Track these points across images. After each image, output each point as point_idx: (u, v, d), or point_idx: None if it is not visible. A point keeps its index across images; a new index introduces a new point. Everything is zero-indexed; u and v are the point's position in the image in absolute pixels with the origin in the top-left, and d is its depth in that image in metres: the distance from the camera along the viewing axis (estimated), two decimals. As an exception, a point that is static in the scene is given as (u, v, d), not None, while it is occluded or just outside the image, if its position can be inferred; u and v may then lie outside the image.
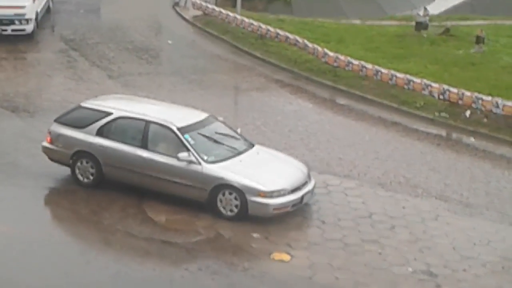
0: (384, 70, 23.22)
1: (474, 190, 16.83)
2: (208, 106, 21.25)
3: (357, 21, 32.81)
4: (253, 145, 16.11)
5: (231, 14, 29.77)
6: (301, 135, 19.53)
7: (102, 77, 23.83)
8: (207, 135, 15.67)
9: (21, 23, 26.52)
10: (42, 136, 16.68)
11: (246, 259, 13.49)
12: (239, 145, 15.91)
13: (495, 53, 27.03)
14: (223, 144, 15.69)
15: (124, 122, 15.73)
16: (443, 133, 20.74)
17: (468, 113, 21.18)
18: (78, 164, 15.79)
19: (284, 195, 14.70)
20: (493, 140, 20.08)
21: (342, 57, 24.32)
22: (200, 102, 21.63)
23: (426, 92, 22.01)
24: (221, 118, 17.30)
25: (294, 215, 15.02)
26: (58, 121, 16.36)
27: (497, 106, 20.58)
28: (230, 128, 16.56)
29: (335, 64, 24.37)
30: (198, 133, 15.51)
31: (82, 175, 15.82)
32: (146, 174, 15.23)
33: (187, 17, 31.88)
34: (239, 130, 16.96)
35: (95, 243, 13.96)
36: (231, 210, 14.71)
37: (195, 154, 14.99)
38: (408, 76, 22.68)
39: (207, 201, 14.88)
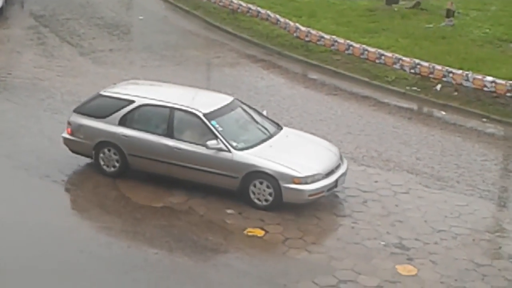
0: (355, 45, 23.29)
1: (445, 163, 17.01)
2: (181, 82, 21.22)
3: (329, -5, 32.74)
4: (281, 128, 15.57)
5: (202, -12, 29.61)
6: (274, 110, 19.53)
7: (73, 54, 23.67)
8: (233, 120, 15.18)
9: (-11, 0, 26.20)
10: (13, 114, 16.56)
11: (220, 235, 13.56)
12: (267, 128, 15.34)
13: (465, 27, 27.18)
14: (251, 129, 15.22)
15: (147, 110, 15.14)
16: (415, 106, 20.89)
17: (439, 86, 21.35)
18: (102, 154, 15.26)
19: (318, 179, 14.19)
20: (463, 113, 20.28)
21: (313, 32, 24.34)
22: (172, 78, 21.59)
23: (397, 66, 22.13)
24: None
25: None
26: (78, 111, 15.71)
27: (467, 79, 20.75)
28: (256, 110, 16.02)
29: (306, 39, 24.38)
30: (225, 119, 14.94)
31: (106, 165, 15.32)
32: (173, 164, 14.72)
33: (158, -8, 31.65)
34: (264, 112, 16.26)
35: (68, 222, 13.93)
36: (265, 200, 14.27)
37: (224, 141, 14.43)
38: (380, 50, 22.78)
39: (238, 189, 14.44)
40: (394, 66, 22.19)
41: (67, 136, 15.72)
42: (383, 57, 22.46)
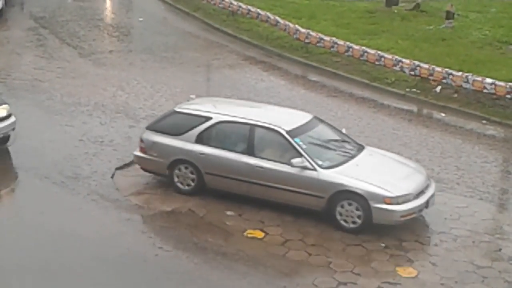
0: (355, 46, 23.30)
1: (445, 165, 17.00)
2: (181, 83, 21.31)
3: (328, -3, 32.77)
4: (363, 146, 14.98)
5: (202, -10, 29.62)
6: (274, 112, 19.54)
7: (72, 55, 23.68)
8: (315, 137, 14.59)
9: (-11, 1, 26.21)
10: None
11: (220, 237, 13.55)
12: (350, 147, 14.76)
13: (465, 28, 27.20)
14: (334, 147, 14.63)
15: (226, 127, 14.63)
16: (414, 108, 20.90)
17: (438, 88, 21.36)
18: (177, 171, 14.79)
19: (410, 200, 13.56)
20: (463, 115, 20.29)
21: (313, 34, 24.35)
22: (172, 79, 21.66)
23: (397, 68, 22.14)
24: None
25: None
26: (151, 128, 15.22)
27: (467, 81, 20.76)
28: (335, 128, 15.56)
29: (306, 40, 24.39)
30: (307, 136, 14.38)
31: (182, 183, 14.88)
32: (254, 183, 14.19)
33: (157, -7, 31.68)
34: (344, 131, 15.84)
35: (69, 224, 13.92)
36: (353, 222, 13.63)
37: (309, 159, 13.87)
38: (379, 52, 22.80)
39: (324, 210, 13.85)
40: (394, 68, 22.20)
41: (139, 154, 15.16)
42: (382, 59, 22.47)
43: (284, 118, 14.90)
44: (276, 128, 14.28)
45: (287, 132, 14.22)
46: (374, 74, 22.54)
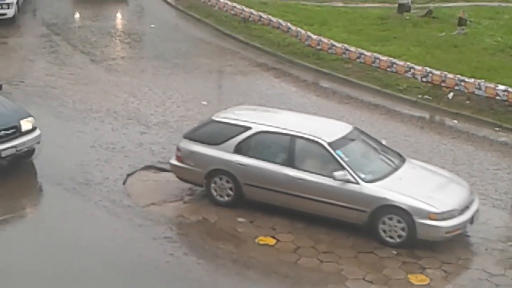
0: (367, 53, 23.26)
1: (457, 172, 16.86)
2: (192, 90, 21.33)
3: (340, 4, 32.76)
4: (404, 158, 14.65)
5: (213, -3, 29.67)
6: (285, 119, 19.53)
7: (85, 62, 23.73)
8: (357, 149, 14.39)
9: (2, 8, 26.33)
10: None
11: (231, 244, 13.54)
12: (392, 159, 14.45)
13: (477, 35, 27.12)
14: (376, 159, 14.40)
15: (265, 138, 14.39)
16: (426, 115, 20.83)
17: (451, 95, 21.28)
18: (214, 183, 14.56)
19: (455, 216, 13.27)
20: (475, 122, 20.19)
21: (325, 40, 24.33)
22: (184, 86, 21.67)
23: (409, 75, 22.07)
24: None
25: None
26: (188, 137, 14.99)
27: (480, 88, 20.68)
28: (375, 139, 15.27)
29: (318, 47, 24.38)
30: (348, 148, 14.14)
31: (219, 194, 14.65)
32: (294, 195, 13.95)
33: (169, 0, 31.74)
34: (384, 142, 15.36)
35: (80, 230, 13.93)
36: (397, 236, 13.35)
37: (352, 172, 13.63)
38: (391, 59, 22.74)
39: (366, 224, 13.58)
40: (405, 74, 22.14)
41: (176, 163, 14.94)
42: (394, 66, 22.42)
43: (324, 129, 14.62)
44: (317, 139, 14.02)
45: (329, 144, 13.94)
46: (385, 81, 22.49)
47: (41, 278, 12.26)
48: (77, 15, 28.27)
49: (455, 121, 20.29)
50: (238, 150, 14.39)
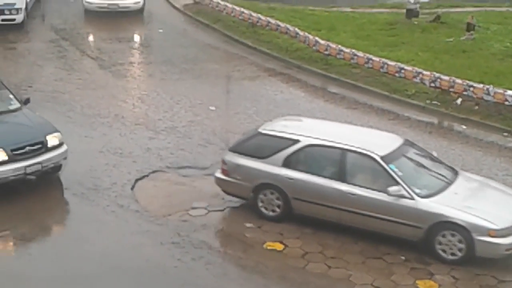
0: (375, 58, 23.23)
1: (466, 178, 16.86)
2: (200, 95, 21.34)
3: (348, 9, 32.78)
4: (456, 171, 14.29)
5: (222, 2, 29.72)
6: (293, 124, 19.52)
7: (93, 67, 23.78)
8: (409, 163, 14.02)
9: (11, 13, 26.44)
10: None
11: (239, 249, 13.51)
12: (445, 172, 14.09)
13: (486, 40, 27.07)
14: (429, 173, 14.01)
15: (315, 151, 14.04)
16: (435, 120, 20.78)
17: (459, 100, 21.23)
18: (262, 196, 14.27)
19: None
20: (484, 127, 20.14)
21: (333, 45, 24.32)
22: (192, 91, 21.68)
23: (417, 80, 22.04)
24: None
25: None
26: (234, 150, 14.68)
27: (488, 93, 20.63)
28: (428, 152, 14.99)
29: (326, 52, 24.36)
30: (401, 162, 13.77)
31: (266, 208, 14.32)
32: (346, 210, 13.62)
33: (177, 5, 31.80)
34: (435, 154, 15.19)
35: (88, 235, 13.94)
36: (454, 253, 13.00)
37: (406, 187, 13.26)
38: (399, 64, 22.71)
39: (421, 240, 13.24)
40: (414, 79, 22.10)
41: (222, 176, 14.67)
42: (403, 71, 22.38)
43: (376, 142, 14.27)
44: (369, 153, 13.67)
45: (381, 157, 13.61)
46: (394, 86, 22.45)
47: (48, 283, 12.26)
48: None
49: (464, 127, 20.24)
50: (286, 163, 14.08)
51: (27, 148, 15.01)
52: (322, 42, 24.61)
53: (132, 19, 29.47)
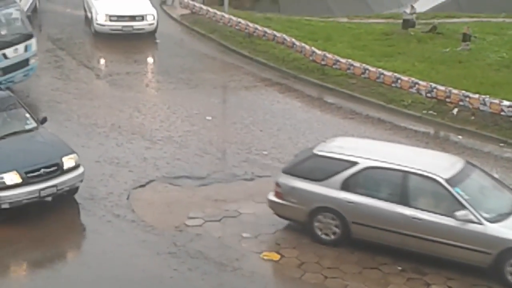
0: (371, 68, 23.27)
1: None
2: (197, 105, 21.34)
3: (344, 19, 32.81)
4: None
5: (218, 12, 29.73)
6: (290, 134, 19.56)
7: (89, 77, 23.77)
8: (474, 186, 13.60)
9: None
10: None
11: (236, 259, 13.51)
12: (509, 195, 13.76)
13: (482, 51, 27.11)
14: (495, 196, 13.67)
15: (375, 174, 13.66)
16: (431, 130, 20.81)
17: (455, 111, 21.26)
18: (318, 220, 13.88)
19: None
20: (480, 137, 20.16)
21: (329, 55, 24.35)
22: (189, 101, 21.69)
23: (413, 90, 22.07)
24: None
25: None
26: (289, 172, 14.29)
27: (484, 104, 20.66)
28: (490, 174, 14.72)
29: (322, 62, 24.39)
30: (466, 184, 13.38)
31: (323, 232, 13.94)
32: (410, 235, 13.24)
33: (174, 16, 31.81)
34: (496, 175, 15.08)
35: (84, 245, 13.92)
36: None
37: (474, 212, 12.91)
38: (396, 74, 22.74)
39: (490, 267, 12.89)
40: (410, 90, 22.13)
41: (275, 199, 14.24)
42: (399, 81, 22.42)
43: (438, 164, 13.87)
44: (433, 176, 13.31)
45: (446, 180, 13.25)
46: (390, 96, 22.48)
47: None
48: (82, 30, 28.28)
49: (460, 137, 20.27)
50: (345, 186, 13.70)
51: (42, 170, 14.57)
52: (318, 52, 24.64)
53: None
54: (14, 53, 20.29)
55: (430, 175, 13.33)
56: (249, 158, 17.86)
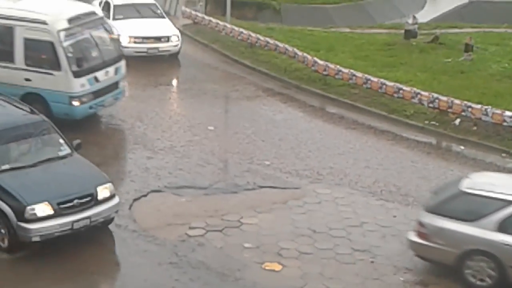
0: (373, 79, 23.28)
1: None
2: (199, 115, 21.35)
3: (347, 30, 32.89)
4: None
5: (220, 22, 29.81)
6: (292, 144, 19.55)
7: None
8: None
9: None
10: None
11: (237, 269, 13.48)
12: None
13: (484, 61, 27.13)
14: None
15: None
16: (433, 141, 20.79)
17: (457, 121, 21.26)
18: (469, 263, 13.03)
19: None
20: (482, 148, 20.14)
21: (332, 66, 24.37)
22: (191, 111, 21.70)
23: (415, 101, 22.06)
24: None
25: (283, 224, 15.05)
26: (434, 211, 13.43)
27: (487, 114, 20.65)
28: None
29: (325, 72, 24.41)
30: None
31: (475, 277, 13.09)
32: None
33: (177, 26, 31.84)
34: None
35: (86, 255, 13.90)
36: None
37: None
38: (398, 85, 22.74)
39: None
40: (412, 100, 22.13)
41: (419, 240, 13.41)
42: (401, 91, 22.42)
43: None
44: None
45: None
46: (392, 107, 22.48)
47: None
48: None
49: (462, 147, 20.25)
50: (502, 228, 12.85)
51: (75, 201, 13.77)
52: (320, 62, 24.67)
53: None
54: (105, 76, 19.41)
55: None
56: (251, 168, 17.85)
